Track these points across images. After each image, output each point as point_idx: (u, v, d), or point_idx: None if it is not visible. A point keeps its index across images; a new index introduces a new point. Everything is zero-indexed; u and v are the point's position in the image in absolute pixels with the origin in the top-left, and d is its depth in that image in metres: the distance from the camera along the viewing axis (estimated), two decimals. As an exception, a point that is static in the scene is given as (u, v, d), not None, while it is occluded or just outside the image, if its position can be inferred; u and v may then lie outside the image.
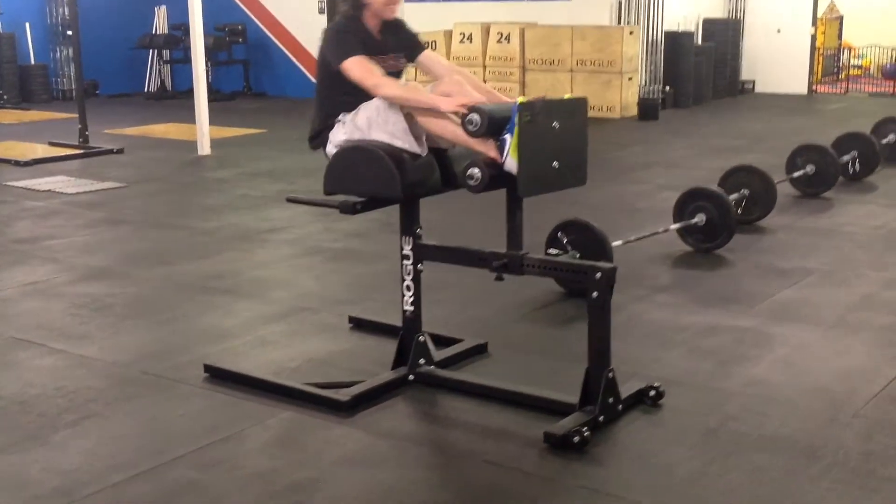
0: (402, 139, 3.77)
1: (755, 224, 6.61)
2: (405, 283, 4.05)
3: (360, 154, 3.81)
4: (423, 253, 4.02)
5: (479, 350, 4.42)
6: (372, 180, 3.78)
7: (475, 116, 3.55)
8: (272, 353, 4.47)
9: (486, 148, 3.62)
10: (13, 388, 4.07)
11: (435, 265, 4.08)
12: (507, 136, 3.56)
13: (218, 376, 4.14)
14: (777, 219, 6.73)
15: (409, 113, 3.76)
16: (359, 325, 4.80)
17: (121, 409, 3.86)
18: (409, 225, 4.00)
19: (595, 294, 3.58)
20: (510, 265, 3.77)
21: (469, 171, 3.61)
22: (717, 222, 5.99)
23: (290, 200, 4.02)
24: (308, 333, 4.73)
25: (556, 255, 5.11)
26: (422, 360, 4.10)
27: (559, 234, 5.27)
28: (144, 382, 4.13)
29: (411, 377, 4.05)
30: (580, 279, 3.67)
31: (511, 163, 3.57)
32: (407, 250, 4.01)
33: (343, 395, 3.84)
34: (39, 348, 4.56)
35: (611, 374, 3.64)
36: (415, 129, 3.78)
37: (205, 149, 9.95)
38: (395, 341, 4.16)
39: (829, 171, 7.64)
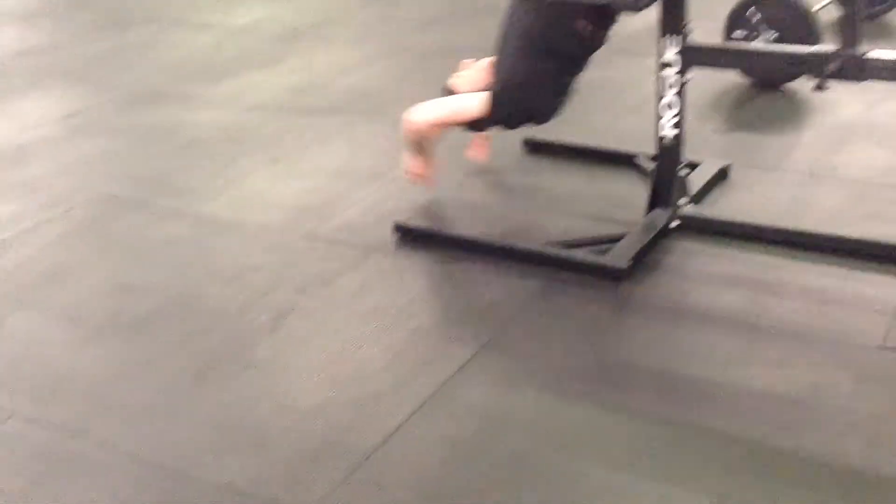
0: None
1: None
2: (665, 100, 3.00)
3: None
4: (695, 57, 2.96)
5: (723, 174, 3.45)
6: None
7: None
8: (462, 195, 3.42)
9: None
10: (180, 289, 2.99)
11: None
12: None
13: (414, 237, 3.12)
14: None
15: None
16: (535, 148, 3.77)
17: (321, 300, 2.82)
18: (674, 20, 2.90)
19: None
20: (847, 68, 2.74)
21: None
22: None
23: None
24: (481, 166, 3.68)
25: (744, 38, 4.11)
26: (682, 199, 3.12)
27: (749, 10, 4.21)
28: (318, 253, 3.08)
29: (675, 222, 3.08)
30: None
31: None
32: (671, 55, 2.93)
33: (617, 258, 2.86)
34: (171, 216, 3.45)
35: None
36: None
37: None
38: (581, 165, 3.39)
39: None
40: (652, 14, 2.91)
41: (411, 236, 3.12)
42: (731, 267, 2.88)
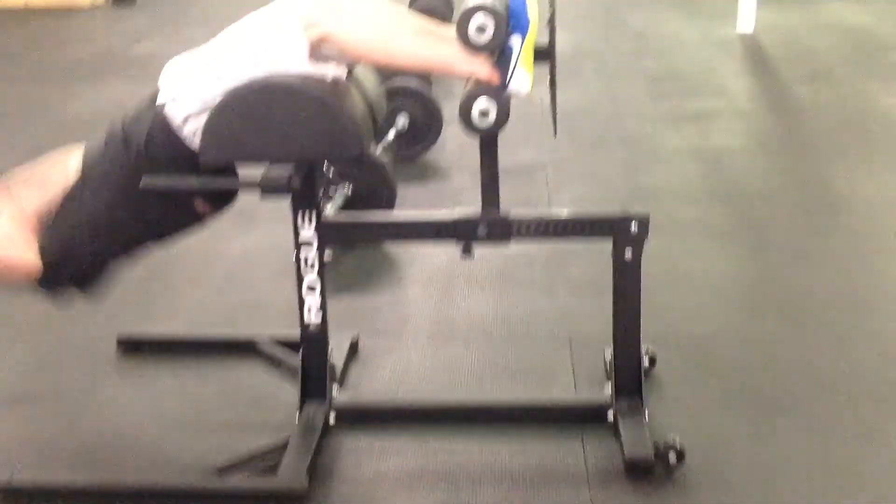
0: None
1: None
2: (305, 284, 2.67)
3: (271, 96, 2.33)
4: (332, 233, 2.66)
5: (354, 349, 3.16)
6: (306, 133, 2.35)
7: (484, 19, 2.31)
8: (56, 429, 2.76)
9: (476, 65, 2.40)
10: None
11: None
12: (515, 42, 2.40)
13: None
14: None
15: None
16: (133, 347, 3.21)
17: None
18: (308, 192, 2.59)
19: (630, 253, 2.60)
20: (494, 231, 2.60)
21: (475, 104, 2.37)
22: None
23: (145, 188, 2.34)
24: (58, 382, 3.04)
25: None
26: (334, 387, 2.79)
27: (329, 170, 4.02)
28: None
29: (332, 418, 2.73)
30: (603, 234, 2.63)
31: (523, 79, 2.41)
32: (308, 232, 2.61)
33: (292, 476, 2.43)
34: None
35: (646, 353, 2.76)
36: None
37: None
38: (193, 361, 3.05)
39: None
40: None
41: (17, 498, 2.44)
42: (413, 461, 2.58)
